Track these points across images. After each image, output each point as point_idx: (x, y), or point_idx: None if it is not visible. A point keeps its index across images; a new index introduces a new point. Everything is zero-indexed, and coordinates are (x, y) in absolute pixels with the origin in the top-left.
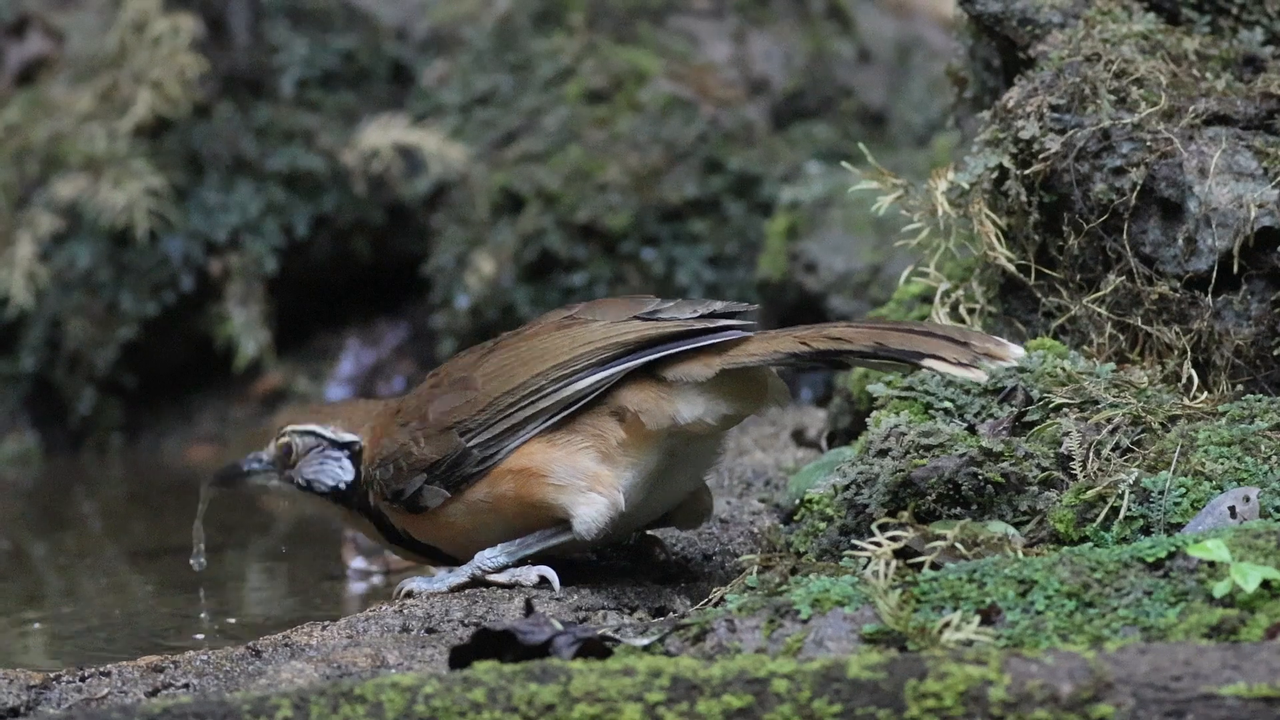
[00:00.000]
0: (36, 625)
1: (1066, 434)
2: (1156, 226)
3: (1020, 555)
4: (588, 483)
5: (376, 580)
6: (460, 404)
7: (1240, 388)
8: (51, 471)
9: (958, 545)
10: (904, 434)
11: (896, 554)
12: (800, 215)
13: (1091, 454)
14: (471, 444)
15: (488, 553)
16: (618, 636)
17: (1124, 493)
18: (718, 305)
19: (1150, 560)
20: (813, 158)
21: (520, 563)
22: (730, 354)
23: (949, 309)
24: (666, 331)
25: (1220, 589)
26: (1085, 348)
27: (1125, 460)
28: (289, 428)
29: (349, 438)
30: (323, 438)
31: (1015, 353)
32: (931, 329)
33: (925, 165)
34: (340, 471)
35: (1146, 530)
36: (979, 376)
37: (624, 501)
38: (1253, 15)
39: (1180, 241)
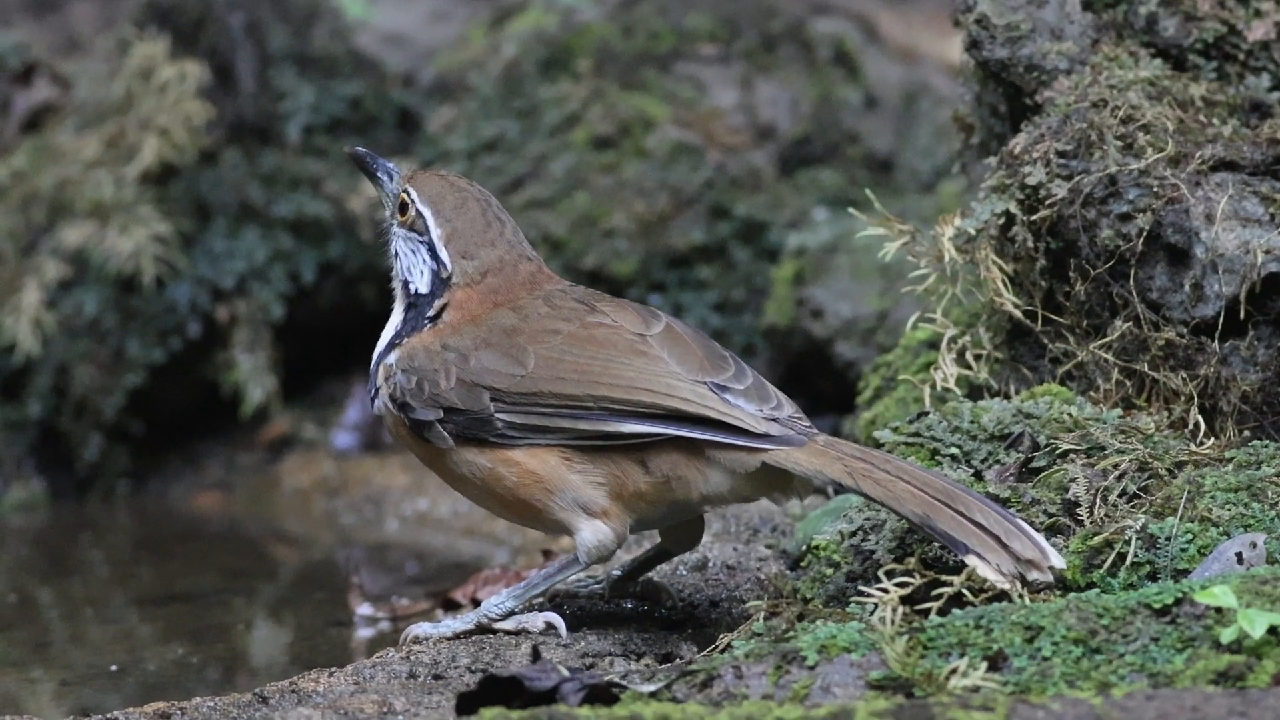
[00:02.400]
0: (43, 672)
1: (1073, 480)
2: (1163, 272)
3: (1027, 601)
4: (595, 513)
5: (383, 626)
6: (504, 371)
7: (1247, 434)
8: (58, 518)
9: (964, 591)
10: None
11: (903, 600)
12: (807, 261)
13: (1098, 500)
14: (501, 416)
15: (494, 600)
16: (624, 683)
17: (1131, 539)
18: (787, 410)
19: (1157, 606)
20: (819, 203)
21: (527, 606)
22: (775, 453)
23: (955, 355)
24: (728, 422)
25: (1227, 635)
26: (1092, 394)
27: (1132, 506)
28: (415, 196)
29: (445, 257)
30: (427, 234)
31: (1057, 564)
32: (984, 519)
33: (932, 211)
34: (423, 264)
35: (1153, 576)
36: (1016, 589)
37: (629, 534)
38: (1259, 61)
39: (1187, 287)
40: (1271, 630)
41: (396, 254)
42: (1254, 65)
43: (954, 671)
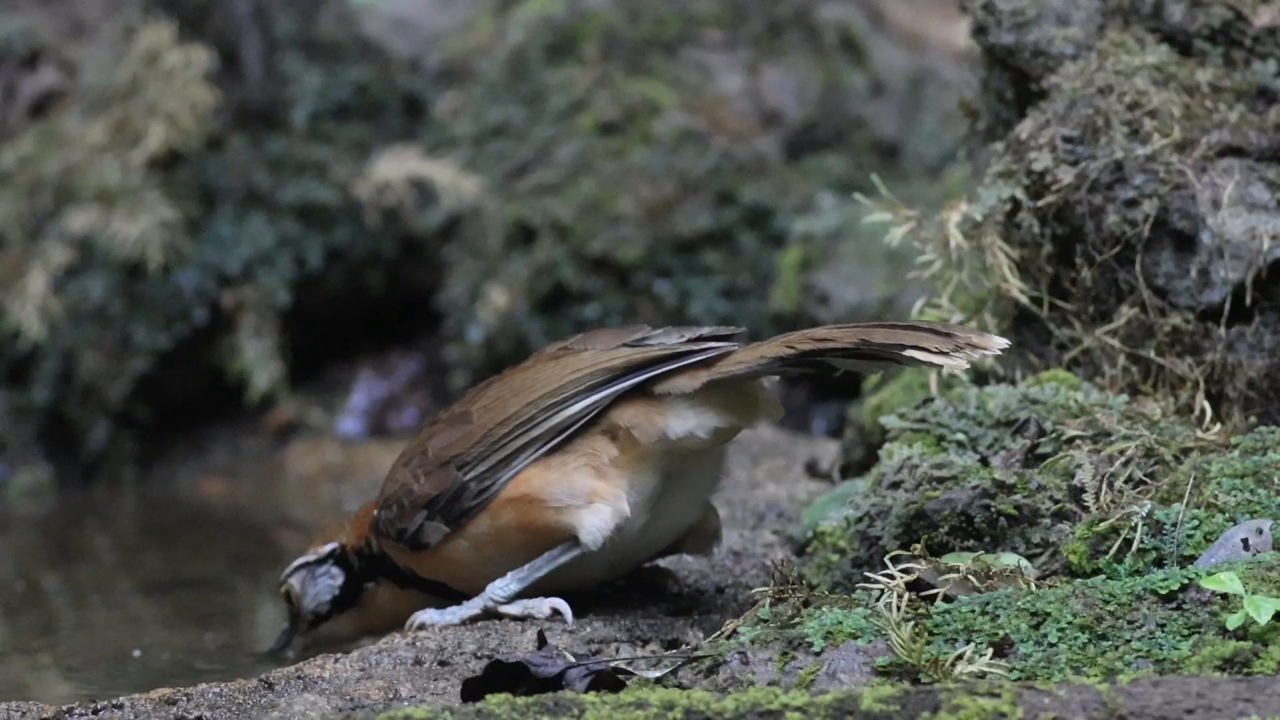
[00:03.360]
0: (49, 658)
1: (1079, 466)
2: (1169, 258)
3: (1033, 588)
4: (586, 498)
5: None
6: (457, 438)
7: (1253, 420)
8: (64, 504)
9: (970, 578)
10: (917, 466)
11: (909, 586)
12: (813, 247)
13: (1104, 486)
14: (468, 477)
15: (499, 583)
16: (630, 669)
17: (1137, 525)
18: (705, 330)
19: (1163, 592)
20: (825, 189)
21: (532, 589)
22: (717, 366)
23: None
24: (652, 355)
25: (1233, 621)
26: (1098, 380)
27: (1138, 492)
28: (283, 577)
29: (327, 548)
30: (306, 564)
31: (998, 343)
32: (915, 324)
33: (938, 197)
34: (330, 580)
35: (1159, 562)
36: (961, 364)
37: (629, 508)
38: (1266, 47)
39: (1193, 273)
40: (1277, 616)
41: (316, 614)
42: (1261, 51)
43: (960, 657)
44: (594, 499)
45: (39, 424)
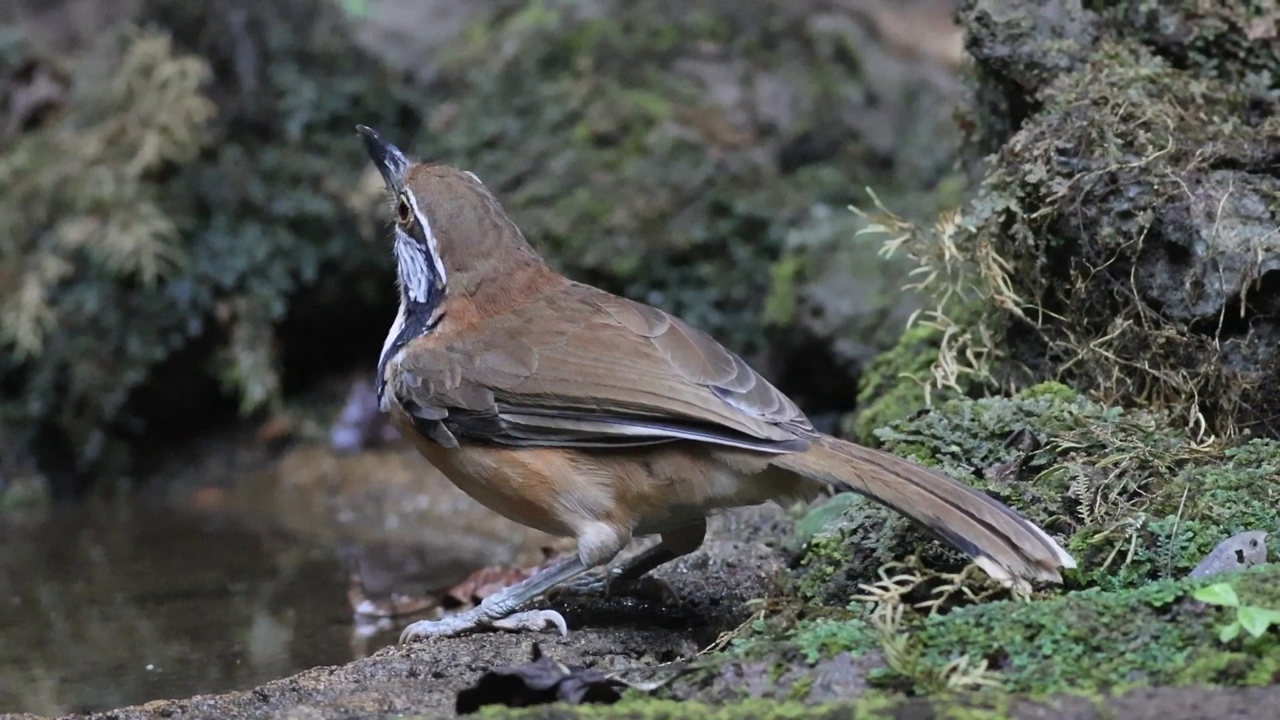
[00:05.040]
0: (44, 669)
1: (1074, 478)
2: (1164, 270)
3: (1029, 601)
4: (597, 515)
5: (384, 624)
6: (508, 371)
7: (1247, 431)
8: (59, 515)
9: (965, 589)
10: None
11: (904, 598)
12: (807, 259)
13: (1099, 498)
14: (504, 416)
15: (494, 598)
16: (625, 681)
17: (1131, 537)
18: (789, 414)
19: (1158, 604)
20: (820, 201)
21: (527, 605)
22: (783, 458)
23: (956, 353)
24: (730, 427)
25: (1228, 633)
26: (1093, 391)
27: (1132, 504)
28: (414, 201)
29: (440, 269)
30: (424, 243)
31: (1067, 563)
32: (994, 520)
33: (932, 209)
34: (420, 273)
35: (1154, 574)
36: (1024, 590)
37: (631, 533)
38: (1260, 59)
39: (1187, 285)
40: (1272, 628)
41: (398, 256)
42: (1254, 63)
43: (954, 669)
44: (604, 519)
45: (33, 435)
